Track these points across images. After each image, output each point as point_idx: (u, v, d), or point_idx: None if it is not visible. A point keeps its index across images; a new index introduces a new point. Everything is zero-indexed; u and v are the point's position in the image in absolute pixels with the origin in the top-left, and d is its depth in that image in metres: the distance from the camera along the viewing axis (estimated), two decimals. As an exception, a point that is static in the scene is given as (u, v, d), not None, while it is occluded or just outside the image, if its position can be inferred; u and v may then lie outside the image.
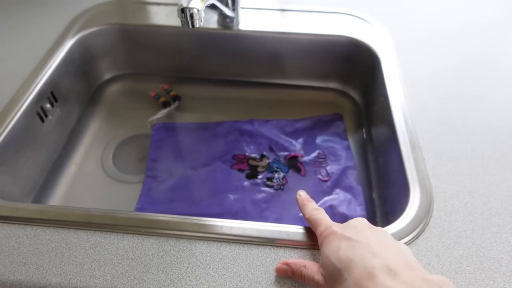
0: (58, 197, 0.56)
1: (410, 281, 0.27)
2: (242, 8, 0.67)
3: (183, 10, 0.42)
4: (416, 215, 0.41)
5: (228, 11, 0.60)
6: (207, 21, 0.66)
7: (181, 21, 0.43)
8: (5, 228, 0.40)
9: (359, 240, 0.32)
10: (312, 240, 0.38)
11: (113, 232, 0.39)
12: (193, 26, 0.43)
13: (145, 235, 0.39)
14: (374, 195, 0.56)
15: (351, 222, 0.35)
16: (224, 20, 0.65)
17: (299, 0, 0.71)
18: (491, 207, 0.42)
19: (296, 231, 0.39)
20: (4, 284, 0.36)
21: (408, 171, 0.45)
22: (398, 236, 0.39)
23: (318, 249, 0.36)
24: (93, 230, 0.39)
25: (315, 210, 0.39)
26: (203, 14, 0.43)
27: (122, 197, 0.57)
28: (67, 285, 0.36)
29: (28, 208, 0.42)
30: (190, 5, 0.41)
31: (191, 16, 0.42)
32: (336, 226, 0.35)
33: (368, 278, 0.28)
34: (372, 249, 0.30)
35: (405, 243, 0.38)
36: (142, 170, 0.60)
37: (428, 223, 0.40)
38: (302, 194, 0.43)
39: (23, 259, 0.37)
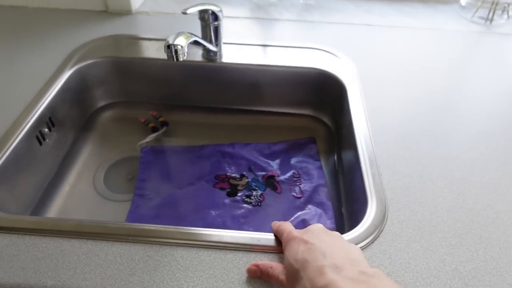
0: (52, 214, 0.61)
1: (351, 274, 0.33)
2: (224, 43, 0.75)
3: (169, 46, 0.49)
4: (372, 223, 0.46)
5: (211, 47, 0.68)
6: (193, 54, 0.73)
7: (167, 55, 0.50)
8: (5, 237, 0.44)
9: (314, 243, 0.37)
10: (280, 245, 0.43)
11: (103, 240, 0.44)
12: (177, 60, 0.49)
13: (132, 242, 0.44)
14: (343, 210, 0.61)
15: (310, 227, 0.40)
16: (208, 54, 0.72)
17: (276, 37, 0.80)
18: (438, 216, 0.48)
19: (266, 237, 0.45)
20: (4, 286, 0.40)
21: (367, 185, 0.51)
22: (356, 240, 0.44)
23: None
24: (85, 238, 0.44)
25: (282, 223, 0.44)
26: (186, 49, 0.50)
27: (111, 214, 0.62)
28: (61, 287, 0.40)
29: (27, 219, 0.46)
30: (175, 42, 0.49)
31: (176, 51, 0.49)
32: (296, 232, 0.40)
33: (318, 275, 0.33)
34: (324, 251, 0.36)
35: (361, 247, 0.44)
36: (131, 190, 0.65)
37: (382, 230, 0.46)
38: (277, 222, 0.47)
39: (22, 264, 0.42)
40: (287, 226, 0.43)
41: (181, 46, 0.49)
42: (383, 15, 0.90)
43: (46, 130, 0.62)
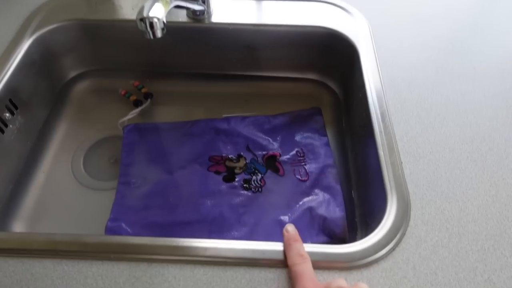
0: (27, 209, 0.54)
1: None
2: (213, -3, 0.63)
3: (142, 19, 0.38)
4: (393, 225, 0.40)
5: (197, 6, 0.56)
6: (176, 14, 0.62)
7: (141, 30, 0.39)
8: (-35, 259, 0.38)
9: None
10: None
11: (80, 259, 0.38)
12: (154, 36, 0.39)
13: (115, 260, 0.38)
14: (354, 194, 0.55)
15: (332, 285, 0.33)
16: (195, 12, 0.61)
17: (274, -14, 0.67)
18: (468, 213, 0.41)
19: (271, 248, 0.38)
20: (-33, 322, 0.34)
21: (386, 177, 0.44)
22: (375, 249, 0.38)
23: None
24: (59, 258, 0.38)
25: (299, 258, 0.36)
26: (164, 20, 0.39)
27: (95, 207, 0.55)
28: (34, 320, 0.34)
29: (-11, 236, 0.39)
30: (150, 14, 0.38)
31: (151, 25, 0.38)
32: (311, 282, 0.33)
33: None
34: None
35: (381, 257, 0.38)
36: (115, 175, 0.58)
37: (405, 233, 0.40)
38: (290, 230, 0.39)
39: (-14, 293, 0.36)
40: (305, 270, 0.35)
41: (158, 19, 0.38)
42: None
43: (8, 115, 0.53)
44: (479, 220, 0.41)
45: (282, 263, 0.37)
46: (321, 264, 0.37)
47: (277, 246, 0.39)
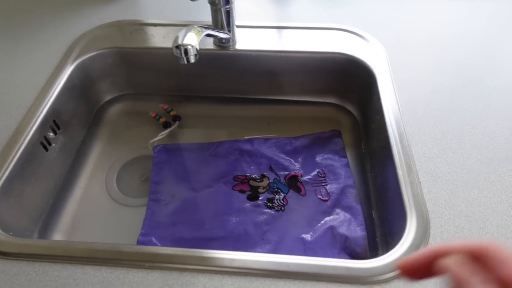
0: (65, 223, 0.58)
1: None
2: (238, 26, 0.68)
3: (177, 47, 0.43)
4: (413, 242, 0.42)
5: (223, 34, 0.61)
6: (203, 41, 0.67)
7: (177, 57, 0.44)
8: (15, 265, 0.41)
9: None
10: (310, 269, 0.39)
11: (118, 266, 0.40)
12: (188, 62, 0.43)
13: (149, 269, 0.40)
14: (374, 214, 0.57)
15: None
16: (221, 40, 0.65)
17: (295, 17, 0.72)
18: (487, 232, 0.42)
19: (295, 261, 0.41)
20: (15, 323, 0.38)
21: (405, 196, 0.45)
22: (394, 265, 0.40)
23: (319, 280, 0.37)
24: (99, 265, 0.41)
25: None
26: (197, 48, 0.44)
27: (127, 222, 0.58)
28: (76, 322, 0.37)
29: (36, 244, 0.43)
30: (185, 42, 0.42)
31: (186, 52, 0.43)
32: None
33: None
34: None
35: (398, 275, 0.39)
36: (146, 192, 0.61)
37: (424, 250, 0.41)
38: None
39: (33, 297, 0.39)
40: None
41: (192, 46, 0.43)
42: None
43: (51, 134, 0.58)
44: (498, 239, 0.42)
45: (307, 275, 0.39)
46: (342, 279, 0.39)
47: (301, 260, 0.41)
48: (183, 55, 0.43)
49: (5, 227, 0.46)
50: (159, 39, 0.68)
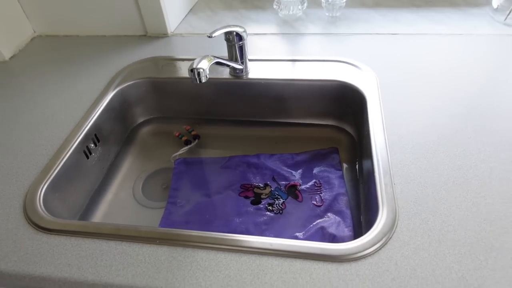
0: (97, 219, 0.69)
1: None
2: (250, 60, 0.80)
3: (192, 70, 0.55)
4: (381, 230, 0.48)
5: (236, 65, 0.73)
6: (221, 72, 0.79)
7: (191, 78, 0.56)
8: (56, 239, 0.52)
9: None
10: (289, 248, 0.47)
11: (135, 242, 0.50)
12: (200, 81, 0.55)
13: (159, 244, 0.50)
14: (362, 219, 0.63)
15: None
16: (235, 71, 0.78)
17: (301, 51, 0.83)
18: (449, 225, 0.48)
19: (277, 242, 0.48)
20: (53, 280, 0.48)
21: (379, 195, 0.52)
22: (364, 247, 0.47)
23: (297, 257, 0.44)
24: (121, 240, 0.51)
25: None
26: (207, 71, 0.56)
27: (147, 220, 0.69)
28: (99, 281, 0.47)
29: (74, 223, 0.54)
30: (198, 66, 0.54)
31: (198, 74, 0.55)
32: None
33: None
34: None
35: (368, 253, 0.46)
36: (165, 198, 0.72)
37: (391, 237, 0.48)
38: None
39: (68, 261, 0.49)
40: None
41: (203, 69, 0.55)
42: (410, 23, 0.90)
43: (92, 145, 0.71)
44: (458, 230, 0.48)
45: (287, 254, 0.47)
46: (317, 257, 0.46)
47: (283, 241, 0.48)
48: (196, 76, 0.55)
49: (50, 213, 0.57)
50: (185, 71, 0.82)
